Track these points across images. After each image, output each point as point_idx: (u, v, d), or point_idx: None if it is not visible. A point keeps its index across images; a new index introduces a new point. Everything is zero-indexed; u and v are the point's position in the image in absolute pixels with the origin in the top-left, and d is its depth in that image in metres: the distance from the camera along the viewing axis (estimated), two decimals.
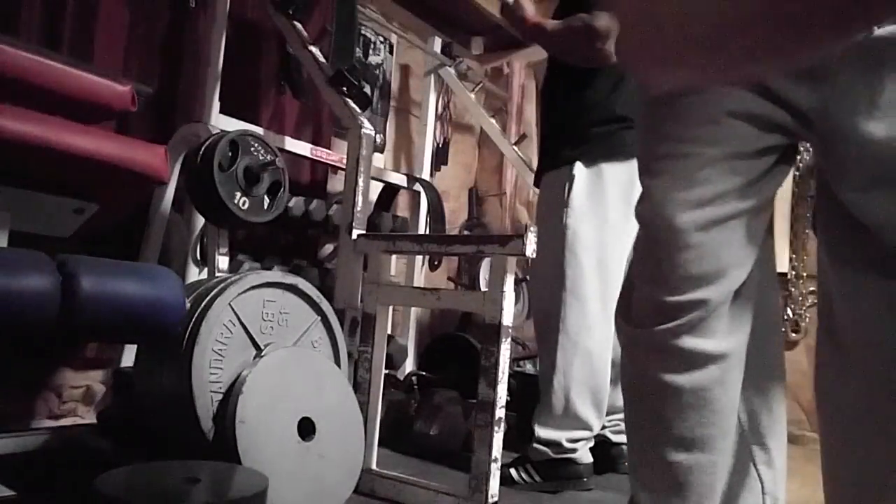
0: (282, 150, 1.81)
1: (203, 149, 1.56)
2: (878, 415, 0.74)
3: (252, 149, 1.63)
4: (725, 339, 0.86)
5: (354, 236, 1.72)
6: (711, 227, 0.83)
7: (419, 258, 2.85)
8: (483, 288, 2.89)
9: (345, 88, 1.84)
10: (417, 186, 2.77)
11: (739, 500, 0.92)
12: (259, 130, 1.98)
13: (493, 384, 1.47)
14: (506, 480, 1.70)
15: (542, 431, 1.78)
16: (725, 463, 0.89)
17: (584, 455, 1.80)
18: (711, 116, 0.82)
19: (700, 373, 0.84)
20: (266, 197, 1.66)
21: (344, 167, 1.91)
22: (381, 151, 3.05)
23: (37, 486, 1.40)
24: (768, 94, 0.80)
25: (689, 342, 0.84)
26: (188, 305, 1.39)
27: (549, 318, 1.79)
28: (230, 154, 1.58)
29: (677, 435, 0.79)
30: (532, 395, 1.90)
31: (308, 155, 2.23)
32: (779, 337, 0.98)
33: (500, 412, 1.47)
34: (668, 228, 0.84)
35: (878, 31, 0.71)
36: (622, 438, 1.97)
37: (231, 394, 1.35)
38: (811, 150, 0.90)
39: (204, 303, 1.40)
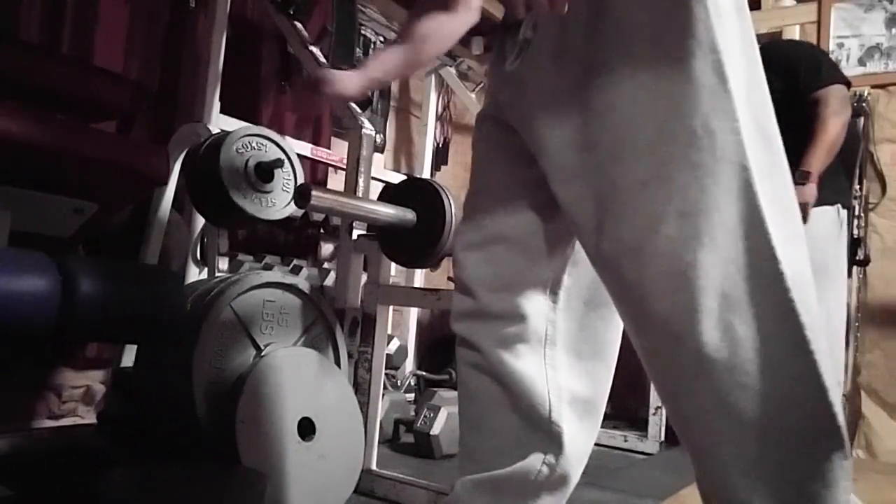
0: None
1: (206, 148, 1.55)
2: None
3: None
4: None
5: (354, 236, 1.72)
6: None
7: None
8: None
9: None
10: None
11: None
12: None
13: None
14: None
15: None
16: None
17: None
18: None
19: None
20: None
21: (344, 167, 1.91)
22: (381, 151, 3.05)
23: (37, 486, 1.39)
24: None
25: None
26: (188, 305, 1.39)
27: None
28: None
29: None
30: None
31: (308, 155, 2.23)
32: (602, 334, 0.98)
33: None
34: None
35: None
36: None
37: (231, 394, 1.35)
38: None
39: (204, 303, 1.40)
